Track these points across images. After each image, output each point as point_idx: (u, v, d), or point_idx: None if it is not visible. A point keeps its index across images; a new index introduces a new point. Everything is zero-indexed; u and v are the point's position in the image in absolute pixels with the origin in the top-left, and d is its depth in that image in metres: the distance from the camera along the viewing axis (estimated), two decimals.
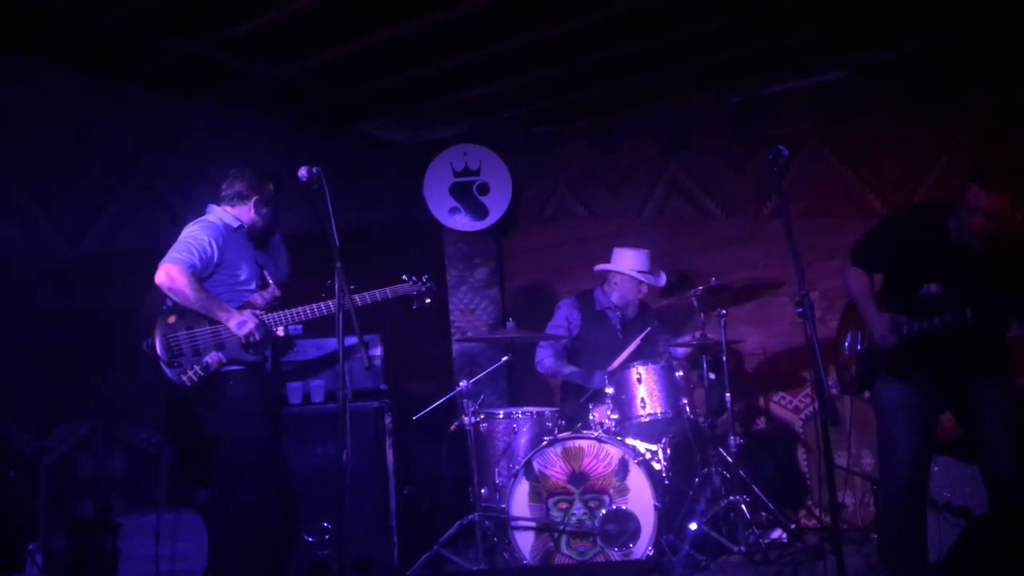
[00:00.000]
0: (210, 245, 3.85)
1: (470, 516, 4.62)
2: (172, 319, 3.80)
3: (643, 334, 5.14)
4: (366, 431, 4.78)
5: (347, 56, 4.84)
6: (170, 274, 3.73)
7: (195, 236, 3.86)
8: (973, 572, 3.53)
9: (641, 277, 5.26)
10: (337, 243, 3.49)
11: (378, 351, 5.01)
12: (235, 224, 4.03)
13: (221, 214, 4.04)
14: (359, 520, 4.61)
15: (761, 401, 5.76)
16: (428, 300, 4.39)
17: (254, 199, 4.06)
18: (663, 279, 5.40)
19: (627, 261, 5.32)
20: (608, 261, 5.41)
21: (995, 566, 3.36)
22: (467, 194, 6.55)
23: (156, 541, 4.27)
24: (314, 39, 4.64)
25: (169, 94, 5.15)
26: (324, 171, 3.55)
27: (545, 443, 4.57)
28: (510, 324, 5.03)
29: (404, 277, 4.36)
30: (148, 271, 3.80)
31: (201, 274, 3.82)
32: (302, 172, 3.55)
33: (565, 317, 5.42)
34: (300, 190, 3.60)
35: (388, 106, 5.76)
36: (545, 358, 5.39)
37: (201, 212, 4.06)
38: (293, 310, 4.00)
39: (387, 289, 4.25)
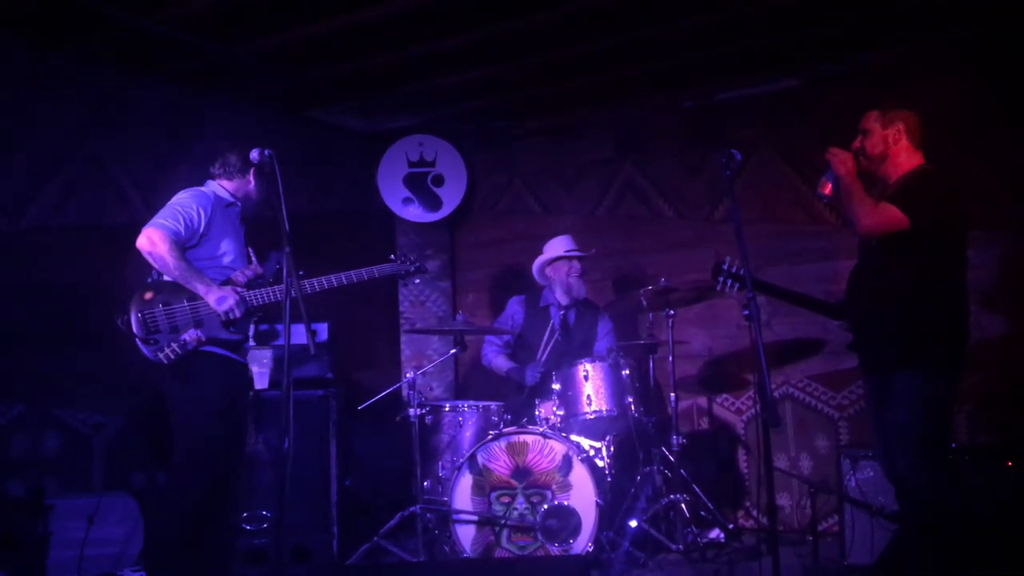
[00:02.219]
0: (198, 213, 3.72)
1: (412, 508, 4.59)
2: (149, 295, 3.64)
3: (547, 330, 5.24)
4: (310, 420, 4.73)
5: (304, 39, 4.76)
6: (151, 239, 3.60)
7: (183, 203, 3.74)
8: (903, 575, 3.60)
9: (568, 253, 5.31)
10: (287, 228, 3.42)
11: (325, 339, 4.96)
12: (228, 199, 3.92)
13: (215, 187, 3.93)
14: (299, 509, 4.57)
15: (705, 402, 5.83)
16: (417, 280, 4.37)
17: (252, 170, 3.94)
18: (591, 250, 5.46)
19: (553, 247, 5.39)
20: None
21: (924, 570, 3.41)
22: (421, 185, 6.51)
23: (89, 524, 4.17)
24: (272, 19, 4.55)
25: (119, 70, 5.02)
26: (276, 155, 3.49)
27: (490, 437, 4.56)
28: (460, 317, 5.02)
29: (391, 257, 4.25)
30: (92, 247, 3.69)
31: (185, 243, 3.69)
32: (254, 154, 3.51)
33: (511, 315, 5.48)
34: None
35: (345, 92, 5.69)
36: (489, 352, 5.45)
37: (148, 189, 3.94)
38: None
39: (373, 268, 4.10)
